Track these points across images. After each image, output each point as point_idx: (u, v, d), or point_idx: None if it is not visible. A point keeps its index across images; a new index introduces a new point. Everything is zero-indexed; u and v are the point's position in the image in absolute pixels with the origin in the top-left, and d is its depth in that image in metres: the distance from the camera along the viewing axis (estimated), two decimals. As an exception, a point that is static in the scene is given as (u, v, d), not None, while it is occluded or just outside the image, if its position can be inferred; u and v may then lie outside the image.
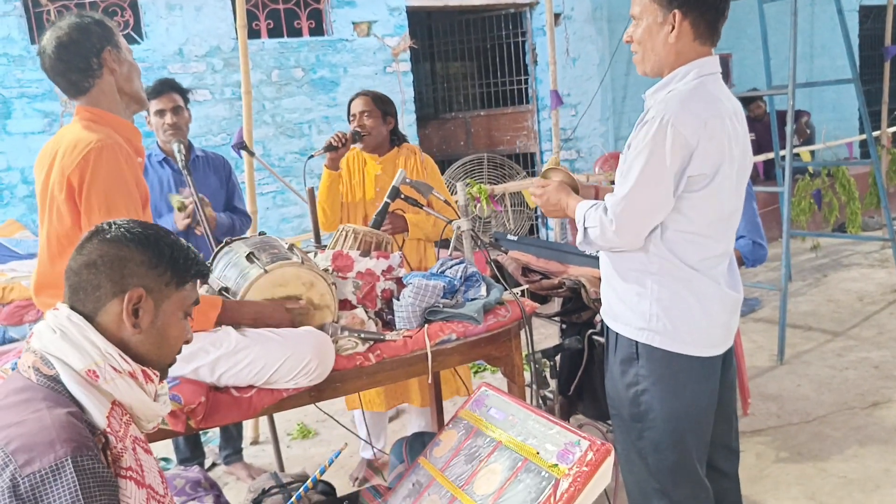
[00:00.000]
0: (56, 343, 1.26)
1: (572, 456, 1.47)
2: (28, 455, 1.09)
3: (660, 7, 1.82)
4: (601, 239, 1.87)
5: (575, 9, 7.17)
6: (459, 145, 7.51)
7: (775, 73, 5.65)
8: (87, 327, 1.28)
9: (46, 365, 1.25)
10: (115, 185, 1.79)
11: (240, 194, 3.34)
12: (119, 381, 1.28)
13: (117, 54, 1.92)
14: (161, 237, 1.36)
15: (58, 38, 1.86)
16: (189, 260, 1.38)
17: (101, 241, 1.32)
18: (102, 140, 1.80)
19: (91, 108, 1.91)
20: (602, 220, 1.83)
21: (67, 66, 1.87)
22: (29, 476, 1.08)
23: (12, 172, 5.01)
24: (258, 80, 5.66)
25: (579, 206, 1.94)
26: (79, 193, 1.78)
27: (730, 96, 1.88)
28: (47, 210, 1.85)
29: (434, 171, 3.23)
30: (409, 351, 2.04)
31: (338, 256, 2.29)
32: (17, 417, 1.16)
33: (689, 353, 1.89)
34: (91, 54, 1.87)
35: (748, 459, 3.14)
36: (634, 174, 1.78)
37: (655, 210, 1.81)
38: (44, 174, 1.86)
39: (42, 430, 1.13)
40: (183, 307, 1.38)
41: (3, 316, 4.04)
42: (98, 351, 1.27)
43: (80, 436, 1.15)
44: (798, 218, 6.22)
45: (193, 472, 2.49)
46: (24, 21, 5.00)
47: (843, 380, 3.94)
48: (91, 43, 1.87)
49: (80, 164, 1.76)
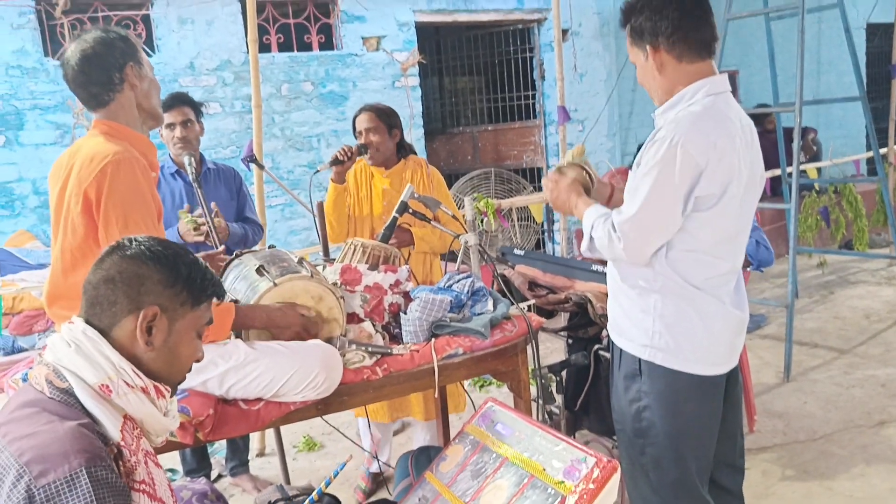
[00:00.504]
0: (70, 357, 1.27)
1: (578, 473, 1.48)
2: (42, 466, 1.10)
3: (638, 49, 1.91)
4: (608, 251, 1.89)
5: (583, 25, 7.21)
6: (467, 159, 7.54)
7: (782, 89, 5.67)
8: (102, 342, 1.29)
9: (59, 378, 1.26)
10: (132, 198, 1.81)
11: (251, 205, 3.37)
12: (131, 395, 1.29)
13: (139, 70, 1.95)
14: (180, 256, 1.38)
15: (82, 51, 1.89)
16: (206, 280, 1.40)
17: (122, 258, 1.33)
18: (120, 153, 1.82)
19: (108, 121, 1.94)
20: (611, 235, 1.85)
21: (89, 78, 1.90)
22: (44, 487, 1.09)
23: (24, 183, 5.05)
24: (268, 93, 5.71)
25: (588, 213, 1.95)
26: (96, 206, 1.79)
27: (741, 114, 1.90)
28: (62, 222, 1.87)
29: (440, 183, 3.24)
30: (415, 365, 2.05)
31: (346, 270, 2.31)
32: (29, 429, 1.17)
33: (690, 372, 1.90)
34: (113, 69, 1.91)
35: (754, 477, 3.13)
36: (643, 193, 1.79)
37: (663, 229, 1.83)
38: (59, 186, 1.88)
39: (55, 442, 1.14)
40: (196, 327, 1.40)
41: (13, 326, 4.08)
42: (112, 366, 1.28)
43: (93, 446, 1.16)
44: (805, 235, 6.22)
45: (200, 483, 2.49)
46: (37, 34, 5.05)
47: (850, 398, 3.93)
48: (114, 58, 1.91)
49: (98, 176, 1.78)
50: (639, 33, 1.88)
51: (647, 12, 1.85)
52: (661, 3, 1.84)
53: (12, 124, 4.99)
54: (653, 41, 1.86)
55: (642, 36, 1.87)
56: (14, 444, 1.15)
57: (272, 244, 2.63)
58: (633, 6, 1.89)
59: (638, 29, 1.88)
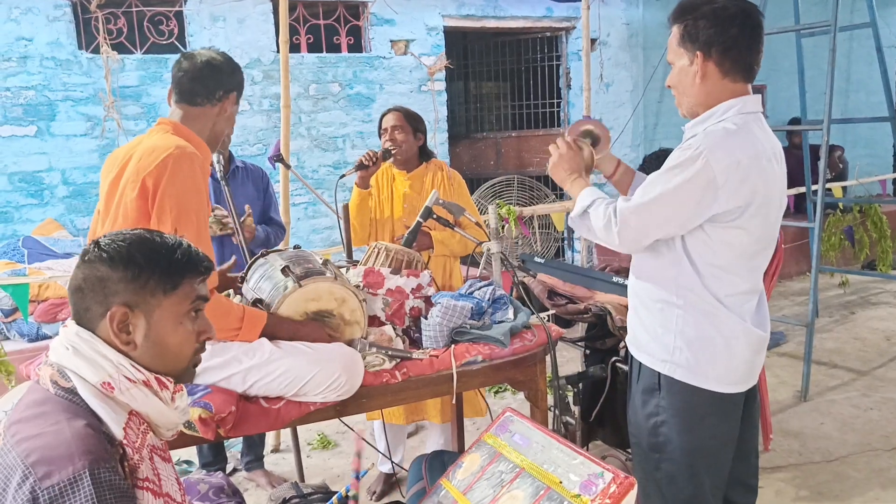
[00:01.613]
0: (70, 358, 1.28)
1: (595, 487, 1.48)
2: (47, 468, 1.11)
3: (685, 51, 1.86)
4: (602, 233, 1.89)
5: (611, 35, 7.21)
6: (489, 165, 7.56)
7: (810, 106, 5.63)
8: (97, 341, 1.29)
9: (64, 378, 1.27)
10: (188, 191, 1.85)
11: (276, 205, 3.41)
12: (134, 390, 1.29)
13: (234, 103, 2.13)
14: (136, 246, 1.32)
15: (212, 58, 2.08)
16: (174, 262, 1.33)
17: (83, 264, 1.31)
18: (181, 147, 1.88)
19: (176, 122, 2.03)
20: (609, 219, 1.86)
21: (201, 79, 2.05)
22: (48, 489, 1.10)
23: (53, 173, 5.13)
24: (296, 93, 5.76)
25: (588, 191, 1.97)
26: (152, 196, 1.83)
27: (770, 136, 1.89)
28: (112, 209, 1.92)
29: (461, 186, 3.26)
30: (434, 370, 2.07)
31: (369, 273, 2.33)
32: (36, 430, 1.18)
33: (710, 389, 1.90)
34: (221, 86, 2.08)
35: (767, 496, 3.12)
36: (655, 191, 1.80)
37: (662, 226, 1.84)
38: (113, 175, 1.94)
39: (61, 443, 1.15)
40: (180, 311, 1.34)
41: (38, 313, 4.15)
42: (110, 363, 1.28)
43: (98, 447, 1.17)
44: (828, 253, 6.16)
45: (217, 477, 2.52)
46: (72, 26, 5.14)
47: (867, 420, 3.90)
48: (230, 80, 2.10)
49: (158, 166, 1.83)
50: (693, 37, 1.84)
51: (711, 20, 1.81)
52: (727, 17, 1.80)
53: (44, 115, 5.07)
54: (706, 50, 1.83)
55: (695, 40, 1.83)
56: (21, 445, 1.16)
57: (297, 244, 2.66)
58: (696, 7, 1.84)
59: (693, 32, 1.84)
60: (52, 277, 3.92)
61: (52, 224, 5.02)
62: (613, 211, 1.86)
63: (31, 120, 5.04)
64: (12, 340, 4.17)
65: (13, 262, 4.36)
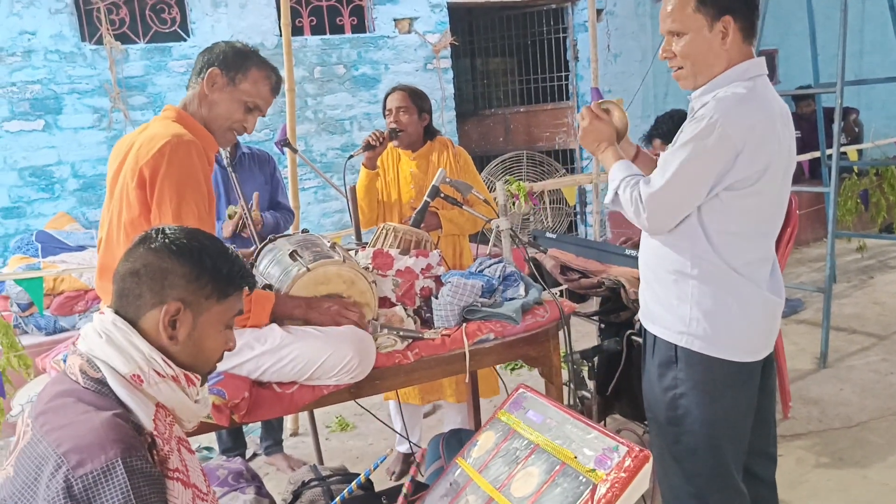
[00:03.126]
0: (102, 347, 1.29)
1: (610, 461, 1.47)
2: (80, 456, 1.13)
3: (706, 16, 1.80)
4: (631, 216, 1.87)
5: (617, 4, 7.10)
6: (499, 141, 7.50)
7: (823, 69, 5.53)
8: (132, 332, 1.31)
9: (93, 368, 1.28)
10: (186, 179, 1.84)
11: (283, 190, 3.40)
12: (162, 385, 1.31)
13: (223, 84, 2.00)
14: (206, 249, 1.36)
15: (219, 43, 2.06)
16: (233, 273, 1.39)
17: (147, 250, 1.34)
18: (179, 135, 1.86)
19: (179, 108, 2.01)
20: (637, 205, 1.83)
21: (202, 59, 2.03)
22: (82, 477, 1.11)
23: (63, 166, 5.15)
24: (300, 76, 5.73)
25: (617, 167, 1.93)
26: (150, 185, 1.83)
27: (777, 98, 1.87)
28: (117, 197, 1.92)
29: (468, 163, 3.23)
30: (447, 350, 2.06)
31: (378, 255, 2.32)
32: (66, 420, 1.20)
33: (728, 359, 1.88)
34: (205, 64, 2.00)
35: (787, 464, 3.10)
36: (673, 168, 1.77)
37: (687, 205, 1.82)
38: (117, 163, 1.93)
39: (91, 432, 1.16)
40: (224, 319, 1.40)
41: (55, 306, 4.18)
42: (142, 356, 1.30)
43: (128, 436, 1.18)
44: (844, 218, 6.08)
45: (236, 463, 2.54)
46: (74, 18, 5.12)
47: (888, 385, 3.86)
48: (212, 55, 2.01)
49: (155, 155, 1.82)
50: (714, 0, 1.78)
51: None
52: None
53: (51, 108, 5.08)
54: (735, 13, 1.78)
55: (718, 4, 1.77)
56: (52, 435, 1.18)
57: (305, 228, 2.65)
58: None
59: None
60: (66, 270, 3.94)
61: (64, 217, 5.04)
62: (639, 196, 1.83)
63: (38, 114, 5.04)
64: (30, 334, 4.21)
65: (27, 256, 4.39)
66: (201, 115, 2.02)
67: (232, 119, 2.04)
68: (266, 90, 2.06)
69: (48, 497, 1.11)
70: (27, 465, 1.18)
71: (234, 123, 2.04)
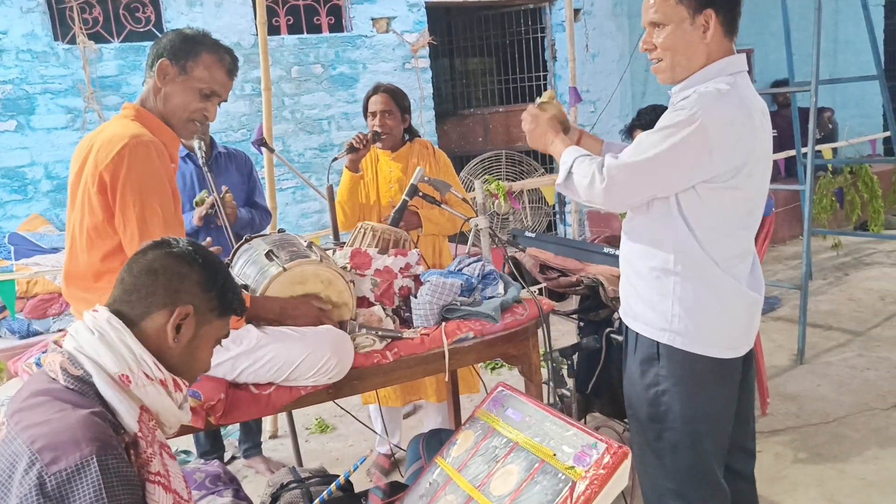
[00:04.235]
0: (93, 344, 1.29)
1: (589, 458, 1.47)
2: (54, 454, 1.11)
3: (688, 9, 1.80)
4: (585, 191, 1.86)
5: (595, 4, 7.13)
6: (478, 141, 7.50)
7: (798, 68, 5.59)
8: (126, 332, 1.31)
9: (74, 365, 1.27)
10: (148, 181, 1.80)
11: (260, 190, 3.36)
12: (150, 387, 1.31)
13: (174, 75, 1.93)
14: (219, 266, 1.43)
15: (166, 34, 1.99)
16: (235, 295, 1.45)
17: (167, 253, 1.38)
18: (137, 136, 1.81)
19: (138, 105, 1.96)
20: (594, 175, 1.82)
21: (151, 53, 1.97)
22: (55, 474, 1.10)
23: (36, 168, 5.07)
24: (277, 76, 5.69)
25: (569, 151, 1.94)
26: (112, 190, 1.79)
27: (756, 95, 1.88)
28: (79, 202, 1.87)
29: (447, 165, 3.22)
30: (426, 349, 2.05)
31: (356, 254, 2.30)
32: (42, 417, 1.18)
33: (710, 355, 1.88)
34: (155, 56, 1.94)
35: (766, 460, 3.12)
36: (648, 150, 1.77)
37: (651, 189, 1.82)
38: (78, 165, 1.88)
39: (67, 429, 1.15)
40: (218, 336, 1.44)
41: (28, 309, 4.12)
42: (133, 356, 1.30)
43: (104, 435, 1.17)
44: (819, 216, 6.15)
45: (213, 466, 2.51)
46: (47, 17, 5.05)
47: (864, 380, 3.90)
48: (160, 46, 1.94)
49: (115, 159, 1.77)
50: None
51: None
52: None
53: (24, 109, 5.00)
54: (717, 6, 1.78)
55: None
56: (27, 432, 1.16)
57: (282, 228, 2.62)
58: None
59: None
60: (40, 273, 3.88)
61: (38, 219, 4.96)
62: (599, 166, 1.82)
63: (10, 114, 4.96)
64: (2, 338, 4.14)
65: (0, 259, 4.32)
66: (159, 110, 1.95)
67: (189, 109, 1.96)
68: (221, 74, 1.97)
69: (21, 494, 1.10)
70: (1, 462, 1.16)
71: (192, 114, 1.97)
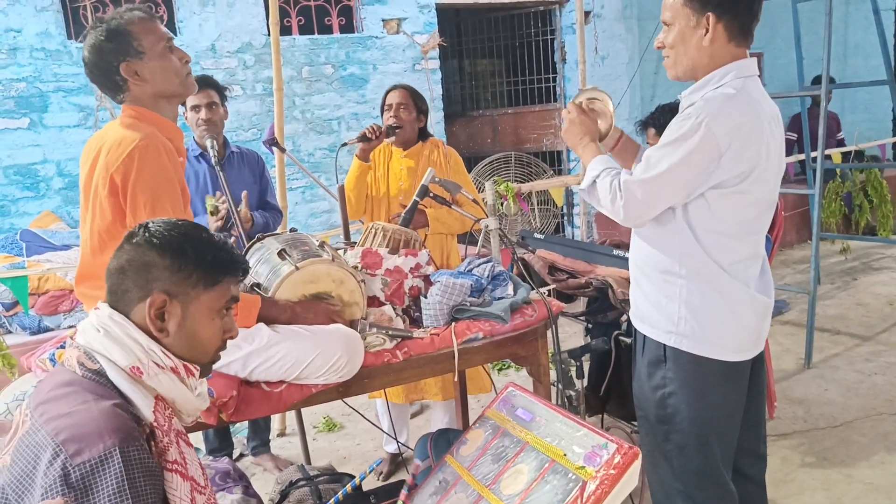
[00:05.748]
0: (100, 341, 1.30)
1: (599, 458, 1.48)
2: (78, 445, 1.13)
3: (692, 11, 1.82)
4: (606, 205, 1.88)
5: (605, 7, 7.13)
6: (486, 143, 7.51)
7: (808, 72, 5.58)
8: (129, 325, 1.31)
9: (90, 359, 1.29)
10: (160, 182, 1.82)
11: (272, 190, 3.38)
12: (162, 376, 1.32)
13: (139, 63, 1.87)
14: (189, 238, 1.35)
15: (84, 59, 1.89)
16: (218, 260, 1.37)
17: (130, 246, 1.34)
18: (147, 138, 1.82)
19: (134, 106, 1.93)
20: (615, 192, 1.84)
21: (98, 82, 1.91)
22: (79, 465, 1.12)
23: (48, 165, 5.11)
24: (289, 76, 5.72)
25: (597, 160, 1.95)
26: (123, 191, 1.80)
27: (767, 98, 1.88)
28: (90, 204, 1.89)
29: (458, 163, 3.24)
30: (435, 349, 2.06)
31: (367, 254, 2.32)
32: (65, 409, 1.20)
33: (717, 358, 1.89)
34: (111, 73, 1.87)
35: (773, 463, 3.12)
36: (660, 165, 1.78)
37: (666, 201, 1.83)
38: (87, 168, 1.89)
39: (90, 421, 1.16)
40: (216, 307, 1.38)
41: (39, 306, 4.15)
42: (141, 348, 1.30)
43: (127, 426, 1.18)
44: (828, 220, 6.14)
45: (223, 463, 2.54)
46: (60, 16, 5.09)
47: (871, 385, 3.90)
48: (107, 62, 1.86)
49: (125, 161, 1.78)
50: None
51: None
52: None
53: (36, 106, 5.04)
54: (719, 12, 1.80)
55: (706, 1, 1.80)
56: (51, 423, 1.18)
57: (293, 227, 2.64)
58: None
59: None
60: (51, 269, 3.91)
61: (49, 216, 5.00)
62: (618, 184, 1.84)
63: (23, 112, 5.00)
64: (14, 334, 4.17)
65: (12, 255, 4.35)
66: (155, 102, 1.94)
67: (173, 70, 1.93)
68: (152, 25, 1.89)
69: (45, 484, 1.12)
70: (25, 453, 1.18)
71: (178, 72, 1.94)
